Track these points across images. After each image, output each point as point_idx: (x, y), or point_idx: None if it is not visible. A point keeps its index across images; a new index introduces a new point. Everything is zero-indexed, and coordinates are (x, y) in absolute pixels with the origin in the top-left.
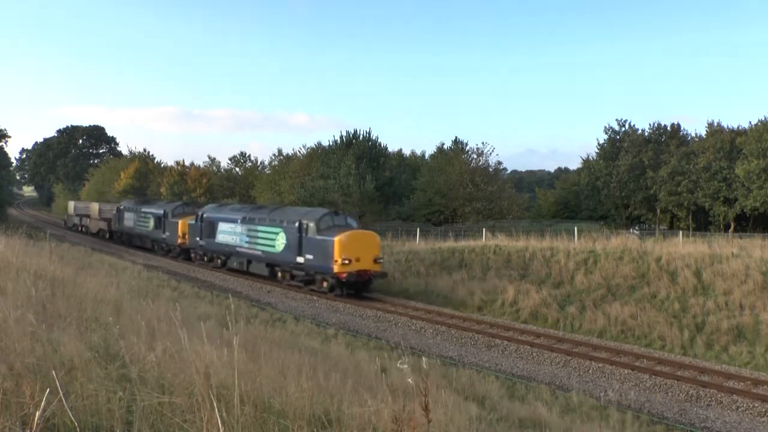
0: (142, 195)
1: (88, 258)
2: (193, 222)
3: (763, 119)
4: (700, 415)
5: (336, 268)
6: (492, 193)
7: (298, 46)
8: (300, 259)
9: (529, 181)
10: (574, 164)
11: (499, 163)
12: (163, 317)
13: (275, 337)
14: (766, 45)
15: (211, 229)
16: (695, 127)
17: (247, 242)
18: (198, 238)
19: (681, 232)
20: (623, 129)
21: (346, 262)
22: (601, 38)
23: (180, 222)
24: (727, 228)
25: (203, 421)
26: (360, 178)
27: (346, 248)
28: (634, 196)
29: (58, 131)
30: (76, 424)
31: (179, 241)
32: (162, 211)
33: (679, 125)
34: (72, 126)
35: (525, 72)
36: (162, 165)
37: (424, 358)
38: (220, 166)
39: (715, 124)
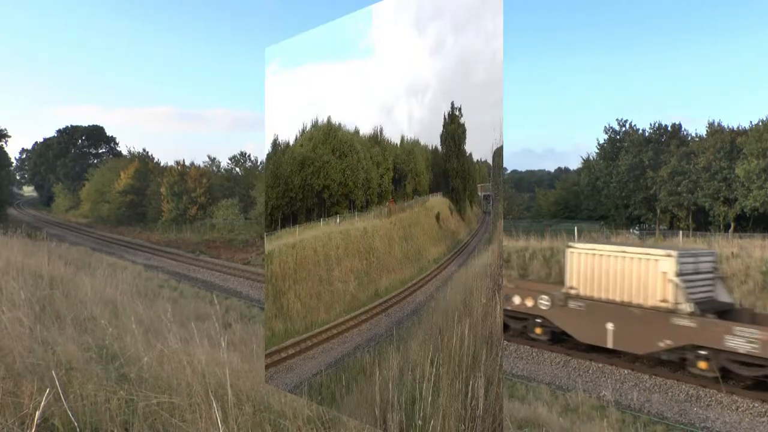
0: (141, 195)
1: (88, 258)
2: None
3: (763, 119)
4: (700, 415)
5: None
6: None
7: None
8: None
9: (529, 181)
10: (571, 164)
11: None
12: (161, 317)
13: None
14: (766, 45)
15: None
16: (695, 127)
17: None
18: None
19: (681, 232)
20: (623, 129)
21: None
22: (600, 38)
23: None
24: (727, 228)
25: (202, 421)
26: None
27: None
28: (634, 196)
29: (58, 131)
30: (75, 424)
31: None
32: None
33: (679, 125)
34: (72, 126)
35: (523, 71)
36: (161, 165)
37: None
38: (220, 166)
39: (716, 124)
